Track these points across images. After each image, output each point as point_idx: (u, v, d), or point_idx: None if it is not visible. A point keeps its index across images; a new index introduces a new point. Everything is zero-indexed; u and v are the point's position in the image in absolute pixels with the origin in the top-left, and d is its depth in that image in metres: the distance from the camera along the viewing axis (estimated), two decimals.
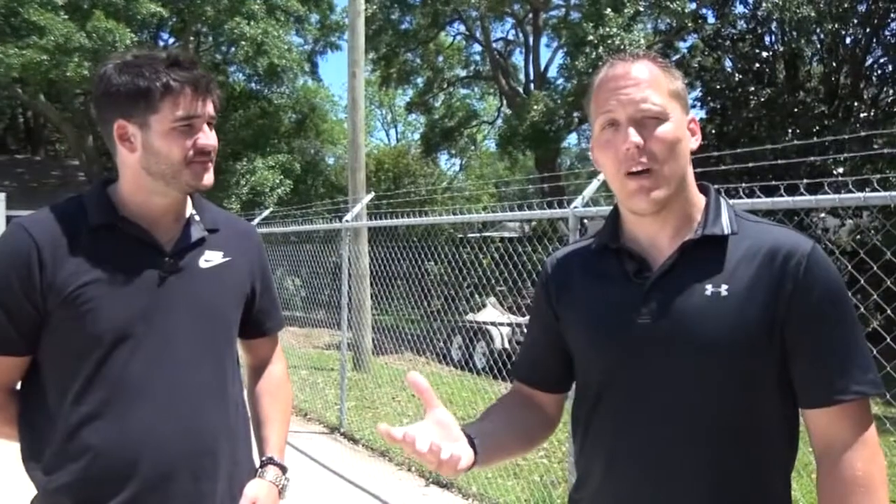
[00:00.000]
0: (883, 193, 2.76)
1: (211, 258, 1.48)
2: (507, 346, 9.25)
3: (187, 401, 1.40)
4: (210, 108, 1.40)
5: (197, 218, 1.50)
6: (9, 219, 17.50)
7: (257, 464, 1.56)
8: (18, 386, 1.43)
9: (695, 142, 1.24)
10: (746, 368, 1.15)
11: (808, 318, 1.13)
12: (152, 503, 1.34)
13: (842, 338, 1.14)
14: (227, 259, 1.50)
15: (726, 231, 1.19)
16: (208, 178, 1.42)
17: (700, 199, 1.25)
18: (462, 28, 21.78)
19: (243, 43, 17.07)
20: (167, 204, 1.44)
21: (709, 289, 1.16)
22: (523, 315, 9.85)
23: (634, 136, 1.16)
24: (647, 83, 1.18)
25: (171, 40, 20.48)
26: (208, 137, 1.40)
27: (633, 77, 1.19)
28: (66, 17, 15.04)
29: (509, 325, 9.48)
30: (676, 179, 1.19)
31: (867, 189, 2.90)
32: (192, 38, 19.24)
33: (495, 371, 6.47)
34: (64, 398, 1.35)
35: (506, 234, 13.10)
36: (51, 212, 1.40)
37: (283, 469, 1.57)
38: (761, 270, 1.15)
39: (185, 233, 1.46)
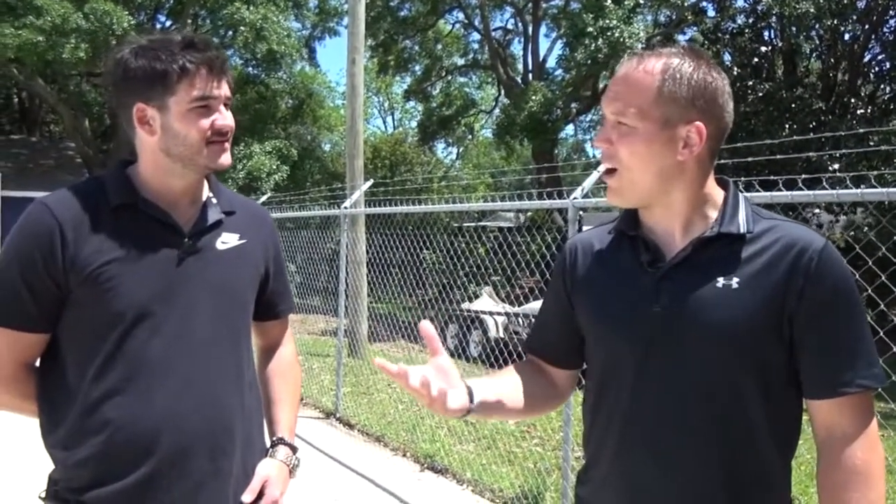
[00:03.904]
0: (880, 190, 2.80)
1: (227, 240, 1.50)
2: (501, 335, 9.29)
3: (206, 379, 1.42)
4: (225, 89, 1.43)
5: (214, 201, 1.52)
6: (4, 199, 17.39)
7: (268, 443, 1.60)
8: (38, 363, 1.45)
9: (686, 152, 1.19)
10: (755, 358, 1.18)
11: (818, 312, 1.16)
12: (170, 478, 1.37)
13: (849, 332, 1.17)
14: (242, 241, 1.53)
15: (742, 229, 1.21)
16: (225, 158, 1.45)
17: (717, 194, 1.27)
18: (461, 16, 21.71)
19: (242, 28, 16.99)
20: (185, 186, 1.47)
21: (720, 281, 1.19)
22: (518, 305, 9.90)
23: (603, 135, 1.22)
24: (631, 89, 1.20)
25: (169, 23, 20.34)
26: (225, 118, 1.43)
27: (623, 80, 1.22)
28: None
29: (504, 314, 9.53)
30: (645, 187, 1.21)
31: (863, 185, 2.94)
32: (189, 22, 19.10)
33: (490, 360, 6.52)
34: (84, 374, 1.37)
35: (502, 224, 13.13)
36: (72, 191, 1.42)
37: (294, 449, 1.60)
38: (773, 265, 1.18)
39: (202, 215, 1.49)
